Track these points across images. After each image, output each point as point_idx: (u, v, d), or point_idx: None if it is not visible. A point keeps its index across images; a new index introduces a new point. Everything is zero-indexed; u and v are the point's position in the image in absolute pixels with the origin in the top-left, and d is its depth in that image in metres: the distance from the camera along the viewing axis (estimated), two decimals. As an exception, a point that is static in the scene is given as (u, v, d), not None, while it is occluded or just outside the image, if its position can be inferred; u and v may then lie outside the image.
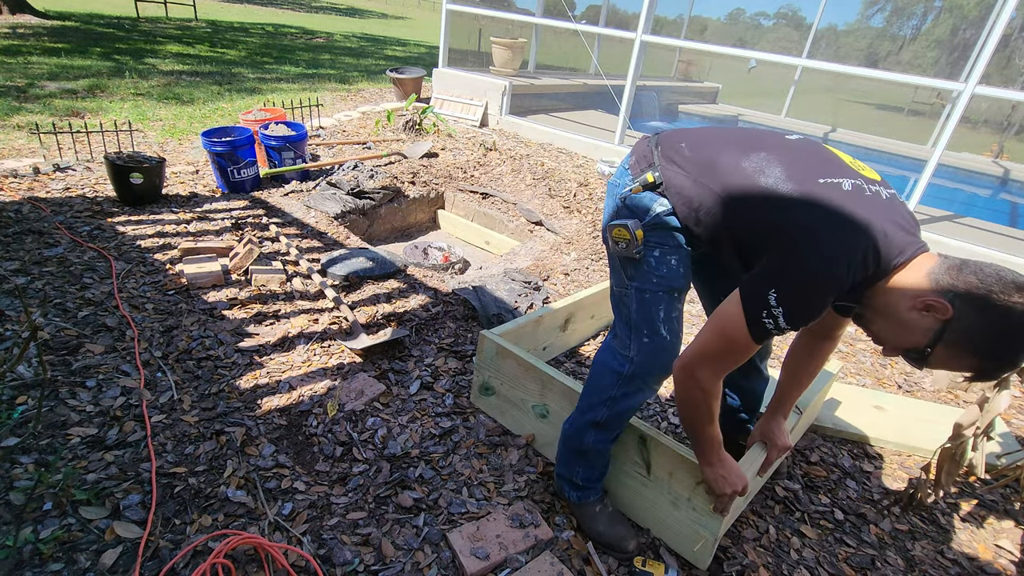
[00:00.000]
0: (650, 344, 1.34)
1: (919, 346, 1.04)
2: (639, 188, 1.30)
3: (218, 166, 3.34)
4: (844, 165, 1.15)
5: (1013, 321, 0.94)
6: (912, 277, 1.04)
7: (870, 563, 1.58)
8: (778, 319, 1.06)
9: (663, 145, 1.31)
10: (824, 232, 1.03)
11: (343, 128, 5.21)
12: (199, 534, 1.38)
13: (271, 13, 17.45)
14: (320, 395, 1.91)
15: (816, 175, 1.10)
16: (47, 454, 1.52)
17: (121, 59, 6.93)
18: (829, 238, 1.03)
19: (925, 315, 1.02)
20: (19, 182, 3.10)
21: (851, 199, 1.06)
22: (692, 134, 1.30)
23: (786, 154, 1.16)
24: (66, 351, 1.90)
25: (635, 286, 1.35)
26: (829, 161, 1.15)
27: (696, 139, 1.28)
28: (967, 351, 1.00)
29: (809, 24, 8.78)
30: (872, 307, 1.11)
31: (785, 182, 1.11)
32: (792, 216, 1.08)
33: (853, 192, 1.07)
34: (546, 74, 7.55)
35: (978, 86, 3.72)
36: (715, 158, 1.22)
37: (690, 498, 1.44)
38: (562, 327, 2.29)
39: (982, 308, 0.96)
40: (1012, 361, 0.99)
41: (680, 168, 1.25)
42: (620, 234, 1.31)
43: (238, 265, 2.54)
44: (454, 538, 1.45)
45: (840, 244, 1.02)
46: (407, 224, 4.06)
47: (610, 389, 1.41)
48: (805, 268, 1.04)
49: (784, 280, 1.05)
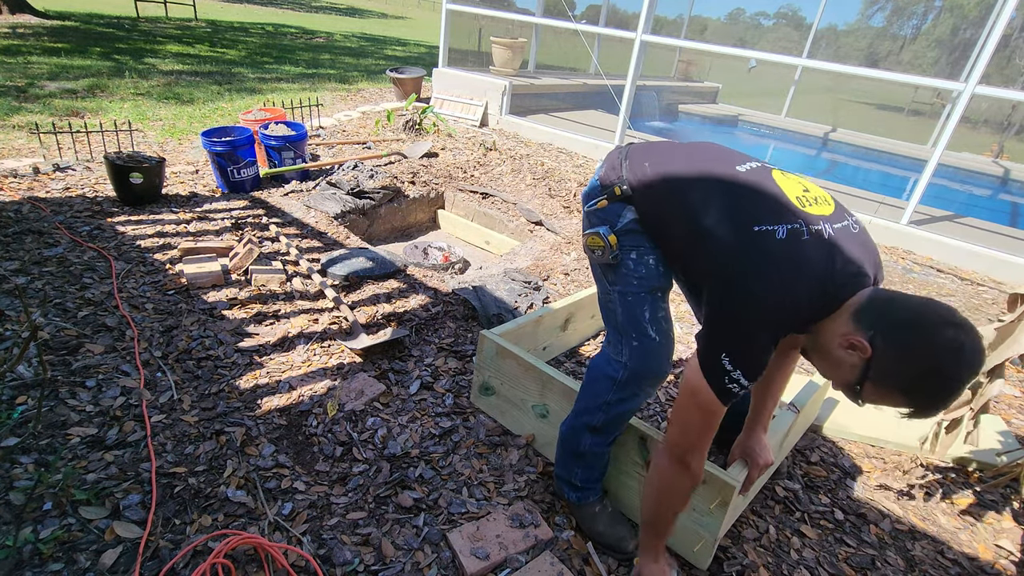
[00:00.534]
0: (640, 347, 1.35)
1: (849, 383, 1.04)
2: (604, 203, 1.33)
3: (218, 166, 3.34)
4: (784, 206, 1.12)
5: (935, 361, 0.93)
6: (843, 315, 1.04)
7: (870, 563, 1.58)
8: (739, 380, 1.07)
9: (631, 159, 1.32)
10: (756, 288, 1.05)
11: (343, 128, 5.21)
12: (199, 534, 1.38)
13: (271, 13, 17.45)
14: (320, 395, 1.91)
15: (752, 222, 1.10)
16: (47, 454, 1.52)
17: (121, 59, 6.93)
18: (759, 295, 1.04)
19: (851, 353, 1.02)
20: (19, 182, 3.10)
21: (783, 248, 1.06)
22: (656, 151, 1.32)
23: (732, 191, 1.17)
24: (66, 351, 1.90)
25: (617, 291, 1.36)
26: (769, 201, 1.13)
27: (658, 159, 1.29)
28: (893, 389, 0.99)
29: (809, 24, 8.79)
30: (813, 342, 1.13)
31: (722, 225, 1.12)
32: (725, 269, 1.09)
33: (787, 240, 1.06)
34: (546, 74, 7.55)
35: (978, 86, 3.72)
36: (669, 184, 1.25)
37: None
38: (562, 327, 2.29)
39: (902, 348, 0.95)
40: (940, 400, 0.96)
41: (641, 185, 1.28)
42: (594, 242, 1.34)
43: (238, 265, 2.54)
44: (454, 538, 1.45)
45: (770, 299, 1.04)
46: (407, 224, 4.06)
47: (605, 394, 1.41)
48: (743, 327, 1.06)
49: (728, 341, 1.08)
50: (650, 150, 1.33)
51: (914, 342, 0.95)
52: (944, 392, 0.94)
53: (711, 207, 1.16)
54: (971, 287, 3.56)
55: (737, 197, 1.15)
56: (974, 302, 3.32)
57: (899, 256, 3.91)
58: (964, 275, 3.74)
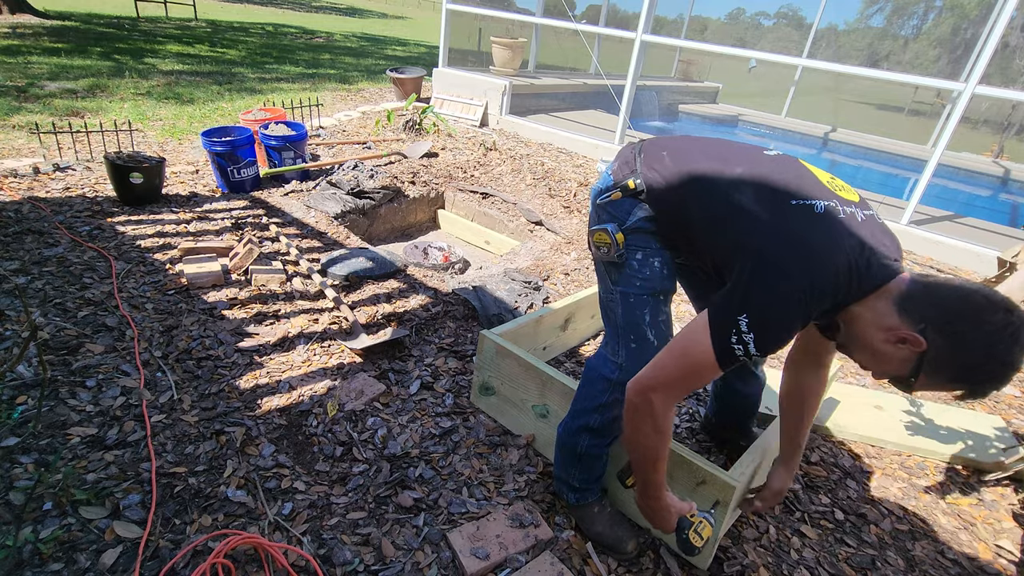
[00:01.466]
0: (638, 349, 1.33)
1: (901, 376, 1.02)
2: (618, 195, 1.31)
3: (218, 166, 3.34)
4: (819, 184, 1.12)
5: (991, 348, 0.92)
6: (883, 305, 1.02)
7: (870, 563, 1.58)
8: (748, 345, 1.03)
9: (646, 153, 1.31)
10: (792, 257, 1.01)
11: (343, 128, 5.21)
12: (199, 534, 1.38)
13: (271, 13, 17.46)
14: (320, 395, 1.91)
15: (788, 196, 1.08)
16: (47, 454, 1.52)
17: (121, 59, 6.93)
18: (798, 263, 1.01)
19: (901, 347, 1.00)
20: (19, 182, 3.10)
21: (822, 221, 1.04)
22: (674, 143, 1.31)
23: (762, 172, 1.15)
24: (66, 351, 1.90)
25: (620, 290, 1.35)
26: (803, 180, 1.12)
27: (677, 149, 1.28)
28: (950, 379, 0.98)
29: (809, 24, 8.79)
30: (849, 335, 1.09)
31: (757, 202, 1.10)
32: (762, 239, 1.06)
33: (825, 214, 1.05)
34: (546, 74, 7.54)
35: (978, 86, 3.72)
36: (693, 170, 1.22)
37: (690, 498, 1.44)
38: (562, 327, 2.29)
39: (956, 338, 0.95)
40: (997, 383, 0.96)
41: (660, 176, 1.25)
42: (601, 238, 1.32)
43: (238, 265, 2.54)
44: (454, 538, 1.45)
45: (809, 269, 1.00)
46: (407, 224, 4.06)
47: (600, 396, 1.40)
48: (774, 293, 1.01)
49: (754, 305, 1.02)
50: (667, 142, 1.32)
51: (968, 332, 0.93)
52: (1001, 376, 0.94)
53: (742, 187, 1.13)
54: (971, 287, 3.56)
55: (769, 176, 1.13)
56: (974, 302, 3.32)
57: (899, 256, 3.91)
58: (964, 275, 3.74)
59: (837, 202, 1.08)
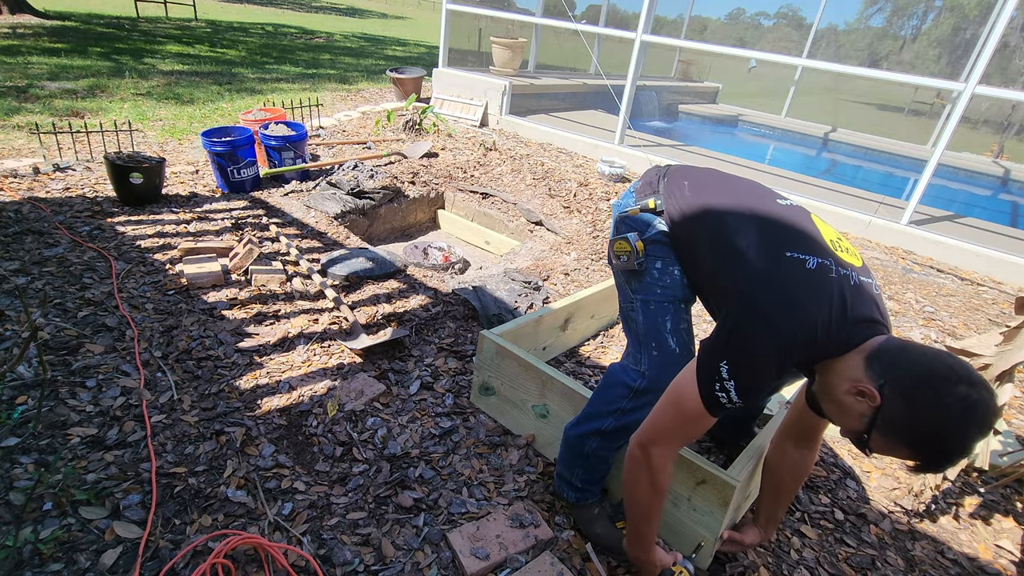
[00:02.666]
0: (659, 357, 1.35)
1: (857, 431, 1.01)
2: (637, 210, 1.38)
3: (218, 166, 3.34)
4: (818, 242, 1.13)
5: (944, 417, 0.89)
6: (854, 359, 1.01)
7: (870, 563, 1.58)
8: (730, 392, 1.06)
9: (669, 178, 1.39)
10: (776, 305, 1.04)
11: (343, 128, 5.21)
12: (199, 534, 1.38)
13: (271, 13, 17.46)
14: (320, 395, 1.91)
15: (785, 247, 1.11)
16: (47, 454, 1.52)
17: (121, 59, 6.93)
18: (781, 312, 1.03)
19: (860, 400, 0.99)
20: (19, 182, 3.10)
21: (812, 277, 1.06)
22: (697, 175, 1.37)
23: (768, 219, 1.19)
24: (66, 351, 1.90)
25: (640, 299, 1.38)
26: (805, 235, 1.15)
27: (698, 181, 1.35)
28: (901, 442, 0.95)
29: (809, 24, 8.79)
30: (821, 384, 1.09)
31: (754, 248, 1.13)
32: (749, 286, 1.09)
33: (816, 271, 1.07)
34: (546, 74, 7.55)
35: (978, 86, 3.72)
36: (706, 205, 1.27)
37: (690, 498, 1.44)
38: (562, 327, 2.29)
39: (912, 402, 0.92)
40: (948, 458, 0.93)
41: (677, 207, 1.32)
42: (621, 247, 1.36)
43: (238, 265, 2.54)
44: (454, 538, 1.45)
45: (791, 319, 1.03)
46: (407, 224, 4.06)
47: (620, 401, 1.40)
48: (754, 340, 1.04)
49: (734, 351, 1.06)
50: (690, 173, 1.38)
51: (924, 395, 0.91)
52: (952, 450, 0.91)
53: (746, 229, 1.17)
54: (971, 287, 3.56)
55: (773, 225, 1.17)
56: (974, 302, 3.32)
57: (899, 256, 3.91)
58: (964, 275, 3.74)
59: (832, 261, 1.09)
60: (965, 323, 3.00)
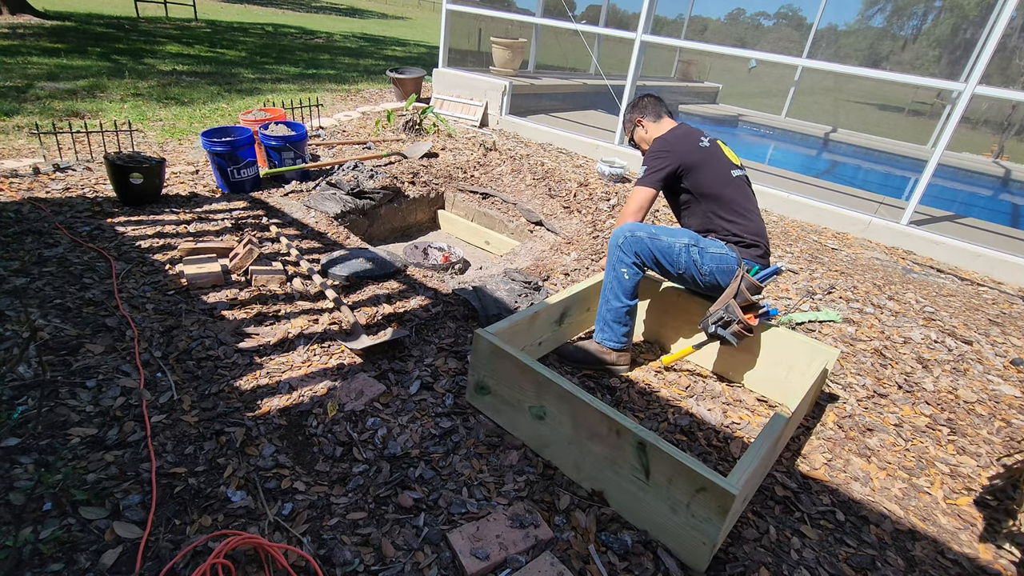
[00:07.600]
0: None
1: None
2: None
3: (218, 166, 3.34)
4: (722, 150, 2.27)
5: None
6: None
7: (870, 563, 1.58)
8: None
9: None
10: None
11: (343, 128, 5.21)
12: (199, 534, 1.38)
13: (271, 13, 17.46)
14: (320, 395, 1.91)
15: (700, 137, 2.28)
16: (47, 454, 1.52)
17: (120, 59, 6.93)
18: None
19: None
20: (19, 182, 3.10)
21: (689, 131, 2.29)
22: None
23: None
24: (66, 351, 1.90)
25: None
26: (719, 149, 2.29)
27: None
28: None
29: (809, 24, 8.79)
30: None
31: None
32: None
33: (710, 146, 2.23)
34: (546, 74, 7.55)
35: (978, 86, 3.72)
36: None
37: (689, 504, 1.44)
38: (558, 321, 2.29)
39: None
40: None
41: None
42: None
43: (238, 265, 2.54)
44: (454, 538, 1.45)
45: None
46: (407, 224, 4.06)
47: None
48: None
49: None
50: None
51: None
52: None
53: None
54: (971, 287, 3.56)
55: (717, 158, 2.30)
56: (974, 302, 3.32)
57: (899, 256, 3.91)
58: (964, 275, 3.74)
59: (723, 154, 2.25)
60: (965, 323, 3.00)
